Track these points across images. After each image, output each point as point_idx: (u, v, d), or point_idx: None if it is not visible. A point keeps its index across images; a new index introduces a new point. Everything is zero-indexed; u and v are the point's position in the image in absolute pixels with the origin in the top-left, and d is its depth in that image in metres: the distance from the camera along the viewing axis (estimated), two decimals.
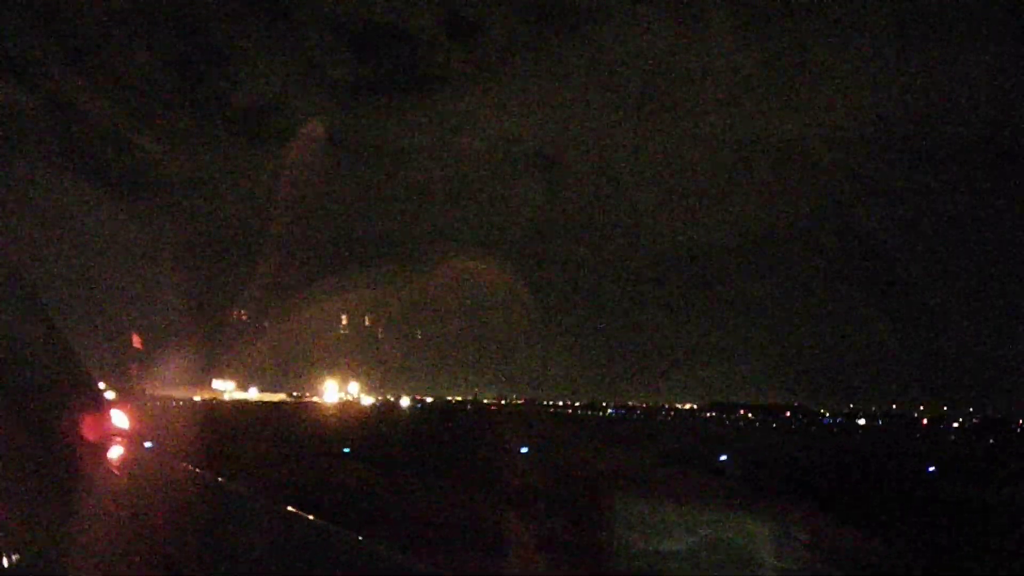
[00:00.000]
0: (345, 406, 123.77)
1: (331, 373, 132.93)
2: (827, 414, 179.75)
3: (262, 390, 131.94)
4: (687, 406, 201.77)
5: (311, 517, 4.23)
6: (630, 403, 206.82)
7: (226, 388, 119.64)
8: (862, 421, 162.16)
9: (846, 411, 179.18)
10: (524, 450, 35.66)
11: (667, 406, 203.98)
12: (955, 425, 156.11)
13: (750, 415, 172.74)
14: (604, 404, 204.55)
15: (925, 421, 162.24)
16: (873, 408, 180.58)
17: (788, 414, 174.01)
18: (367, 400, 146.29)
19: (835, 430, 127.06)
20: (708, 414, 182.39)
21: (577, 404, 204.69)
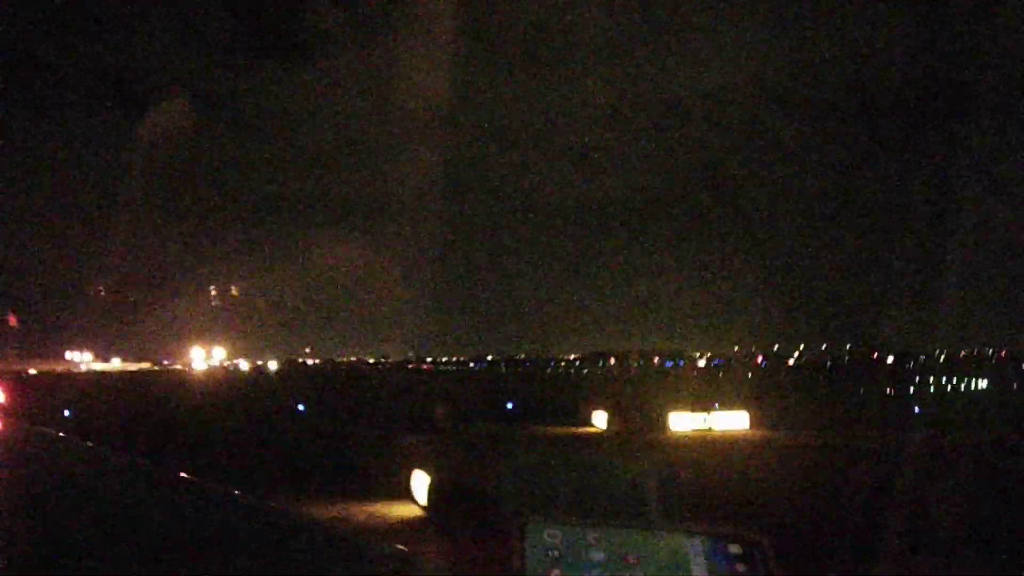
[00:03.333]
0: (215, 372, 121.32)
1: (198, 341, 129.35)
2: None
3: (125, 361, 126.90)
4: (572, 357, 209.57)
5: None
6: (521, 356, 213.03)
7: (82, 359, 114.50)
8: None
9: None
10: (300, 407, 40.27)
11: (555, 358, 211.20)
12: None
13: (612, 360, 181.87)
14: (486, 358, 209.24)
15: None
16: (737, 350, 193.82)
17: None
18: (244, 365, 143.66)
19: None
20: (580, 363, 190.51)
21: (454, 360, 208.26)
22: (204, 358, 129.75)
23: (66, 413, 33.48)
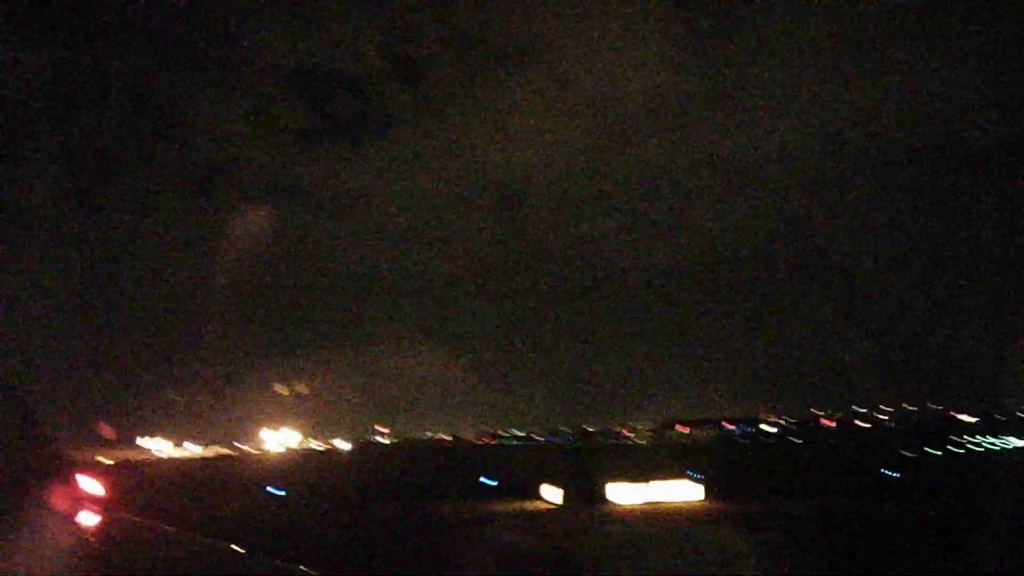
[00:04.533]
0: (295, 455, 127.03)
1: (268, 425, 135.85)
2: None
3: (200, 445, 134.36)
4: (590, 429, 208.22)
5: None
6: (586, 428, 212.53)
7: (158, 446, 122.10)
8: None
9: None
10: None
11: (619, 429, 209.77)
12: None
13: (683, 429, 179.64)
14: (559, 430, 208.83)
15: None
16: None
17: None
18: (317, 445, 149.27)
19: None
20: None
21: (528, 434, 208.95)
22: (279, 441, 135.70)
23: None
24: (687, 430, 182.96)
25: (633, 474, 37.09)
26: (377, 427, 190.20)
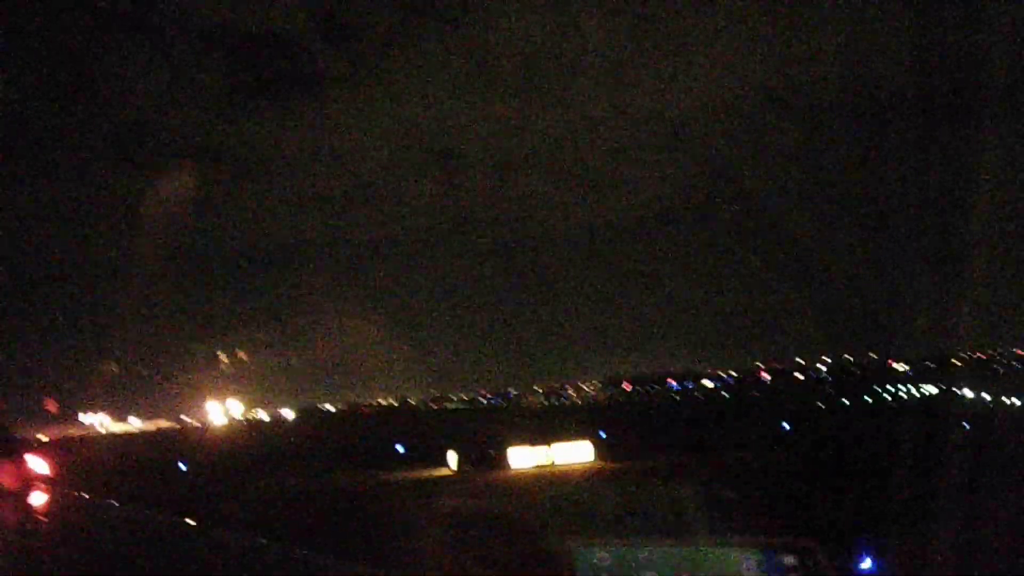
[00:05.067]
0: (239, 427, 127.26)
1: (213, 397, 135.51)
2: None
3: (143, 420, 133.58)
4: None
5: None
6: (535, 387, 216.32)
7: (100, 422, 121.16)
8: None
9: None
10: None
11: (585, 387, 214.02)
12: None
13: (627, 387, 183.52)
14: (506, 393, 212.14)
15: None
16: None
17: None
18: (263, 415, 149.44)
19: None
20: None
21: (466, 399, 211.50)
22: (222, 412, 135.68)
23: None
24: (629, 387, 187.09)
25: (534, 437, 38.62)
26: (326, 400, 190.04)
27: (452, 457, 37.01)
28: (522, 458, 36.24)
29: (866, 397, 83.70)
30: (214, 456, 51.03)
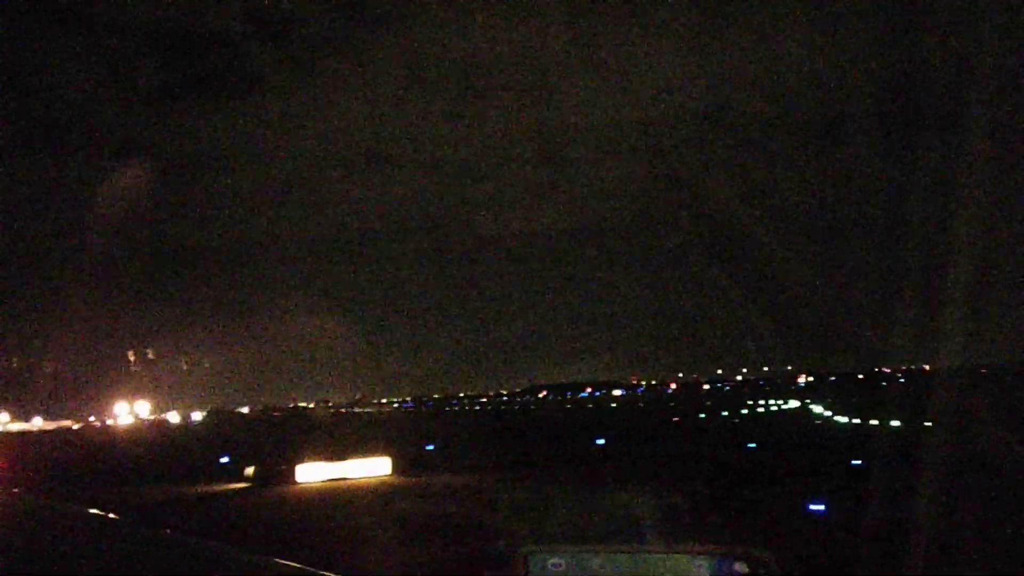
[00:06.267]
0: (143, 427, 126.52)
1: (122, 397, 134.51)
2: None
3: (46, 420, 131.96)
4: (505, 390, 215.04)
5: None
6: (460, 394, 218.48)
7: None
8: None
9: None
10: None
11: (505, 393, 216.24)
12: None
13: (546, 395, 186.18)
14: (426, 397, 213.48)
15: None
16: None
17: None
18: (175, 418, 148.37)
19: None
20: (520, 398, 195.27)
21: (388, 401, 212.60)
22: (128, 413, 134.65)
23: None
24: (544, 394, 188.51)
25: (329, 451, 39.89)
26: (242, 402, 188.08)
27: (249, 470, 38.10)
28: (311, 473, 37.40)
29: (732, 410, 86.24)
30: (57, 460, 51.29)
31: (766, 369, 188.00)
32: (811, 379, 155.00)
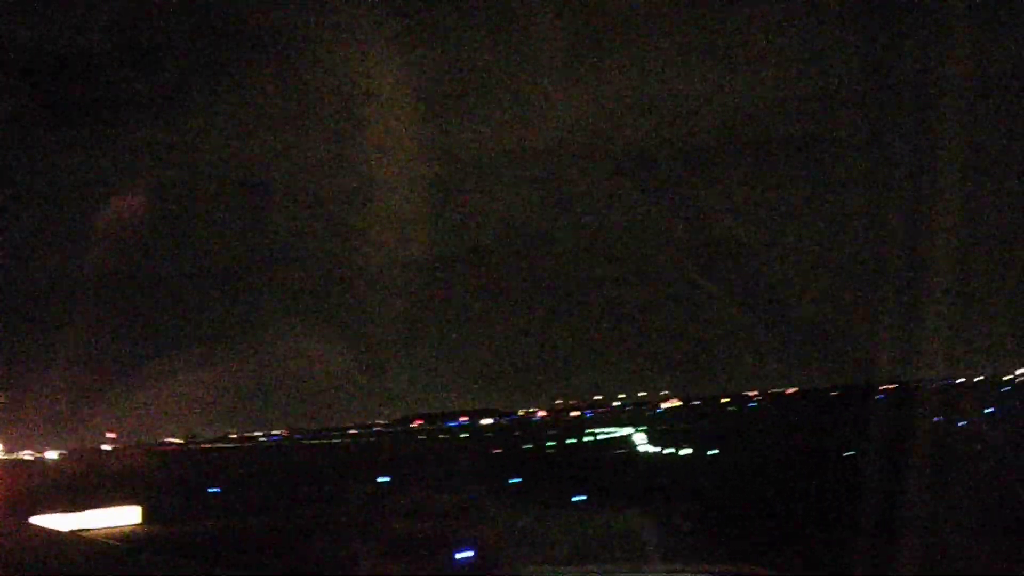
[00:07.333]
0: None
1: None
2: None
3: None
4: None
5: None
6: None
7: None
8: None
9: None
10: None
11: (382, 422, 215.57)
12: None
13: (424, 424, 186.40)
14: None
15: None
16: None
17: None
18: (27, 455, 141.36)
19: None
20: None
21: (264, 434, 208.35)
22: None
23: None
24: (419, 422, 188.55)
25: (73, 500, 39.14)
26: (108, 433, 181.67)
27: None
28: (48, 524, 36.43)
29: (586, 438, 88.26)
30: None
31: (643, 394, 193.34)
32: (677, 404, 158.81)
